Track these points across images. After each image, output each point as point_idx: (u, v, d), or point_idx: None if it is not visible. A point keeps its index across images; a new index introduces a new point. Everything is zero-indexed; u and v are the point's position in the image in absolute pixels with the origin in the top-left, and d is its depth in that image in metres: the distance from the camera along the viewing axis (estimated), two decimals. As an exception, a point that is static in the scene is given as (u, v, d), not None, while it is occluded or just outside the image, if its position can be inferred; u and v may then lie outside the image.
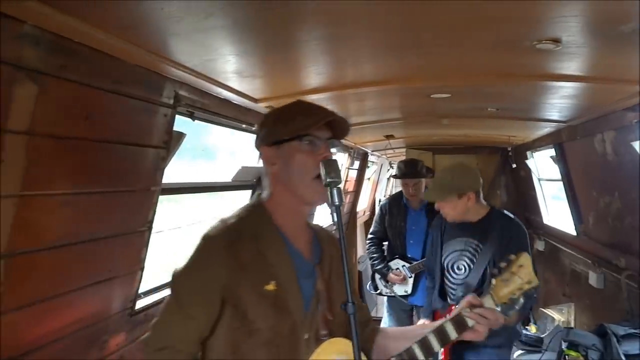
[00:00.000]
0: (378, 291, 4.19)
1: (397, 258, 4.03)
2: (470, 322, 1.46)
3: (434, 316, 2.82)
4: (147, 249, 1.94)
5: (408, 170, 3.94)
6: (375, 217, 4.28)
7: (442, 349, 2.69)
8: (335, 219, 1.35)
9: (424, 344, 1.44)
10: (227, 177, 2.87)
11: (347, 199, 6.54)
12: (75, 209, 1.54)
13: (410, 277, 3.94)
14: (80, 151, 1.51)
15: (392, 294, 4.05)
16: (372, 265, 4.10)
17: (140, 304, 2.04)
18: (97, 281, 1.72)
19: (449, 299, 2.82)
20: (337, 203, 1.30)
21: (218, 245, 1.28)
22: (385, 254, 4.19)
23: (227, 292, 1.27)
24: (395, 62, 2.18)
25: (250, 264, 1.28)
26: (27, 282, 1.42)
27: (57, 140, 1.40)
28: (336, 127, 1.39)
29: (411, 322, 4.13)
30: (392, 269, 3.99)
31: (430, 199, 2.80)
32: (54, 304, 1.56)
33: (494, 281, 1.53)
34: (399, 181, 4.21)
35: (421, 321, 2.87)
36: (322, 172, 1.29)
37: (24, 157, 1.28)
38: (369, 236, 4.26)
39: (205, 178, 2.93)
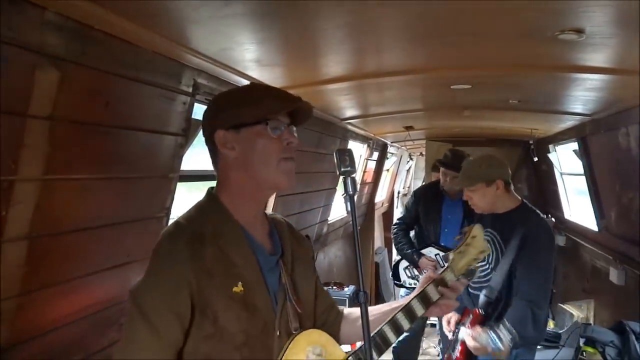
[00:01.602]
0: (401, 282, 4.10)
1: (430, 246, 3.93)
2: (434, 297, 1.48)
3: (463, 313, 2.78)
4: (164, 234, 1.97)
5: (453, 163, 3.83)
6: (407, 203, 4.20)
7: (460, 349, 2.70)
8: (349, 209, 1.35)
9: (394, 324, 1.43)
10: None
11: (366, 190, 6.53)
12: (95, 193, 1.57)
13: (441, 267, 3.88)
14: (100, 137, 1.53)
15: (416, 285, 3.93)
16: (400, 250, 3.99)
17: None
18: (115, 265, 1.76)
19: (469, 289, 2.77)
20: (350, 192, 1.27)
21: (180, 250, 1.19)
22: (413, 240, 4.09)
23: (195, 298, 1.19)
24: (416, 52, 2.16)
25: (214, 266, 1.21)
26: (48, 264, 1.46)
27: (78, 125, 1.43)
28: (299, 114, 1.34)
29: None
30: (425, 256, 3.89)
31: (459, 185, 2.77)
32: (74, 286, 1.60)
33: (451, 255, 1.60)
34: (414, 173, 4.18)
35: (447, 315, 2.82)
36: (336, 161, 1.26)
37: (47, 142, 1.31)
38: (397, 221, 4.16)
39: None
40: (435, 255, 3.90)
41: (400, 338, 3.87)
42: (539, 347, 4.50)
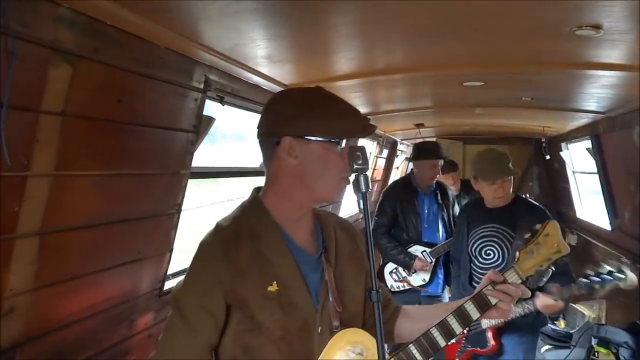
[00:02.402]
0: (387, 287, 3.92)
1: (415, 244, 3.83)
2: (493, 301, 1.39)
3: None
4: (175, 231, 1.98)
5: (438, 151, 3.82)
6: (382, 206, 3.94)
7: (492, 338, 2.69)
8: (362, 206, 1.34)
9: (444, 327, 1.37)
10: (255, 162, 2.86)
11: (375, 188, 6.50)
12: (107, 190, 1.57)
13: (431, 263, 3.80)
14: (112, 133, 1.53)
15: (404, 288, 3.86)
16: (390, 255, 3.84)
17: (168, 284, 2.08)
18: (127, 261, 1.76)
19: (475, 285, 2.79)
20: (363, 190, 1.25)
21: (215, 252, 1.24)
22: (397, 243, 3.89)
23: (231, 298, 1.23)
24: (428, 49, 2.13)
25: (250, 266, 1.24)
26: (60, 260, 1.46)
27: (90, 121, 1.43)
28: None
29: None
30: (418, 257, 3.78)
31: (514, 174, 2.76)
32: (85, 282, 1.60)
33: (517, 254, 1.46)
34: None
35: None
36: (350, 158, 1.27)
37: (58, 138, 1.31)
38: (379, 229, 3.89)
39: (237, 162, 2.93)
40: (422, 252, 3.81)
41: None
42: (549, 346, 4.48)
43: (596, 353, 3.14)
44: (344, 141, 1.29)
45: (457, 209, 4.01)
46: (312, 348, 1.28)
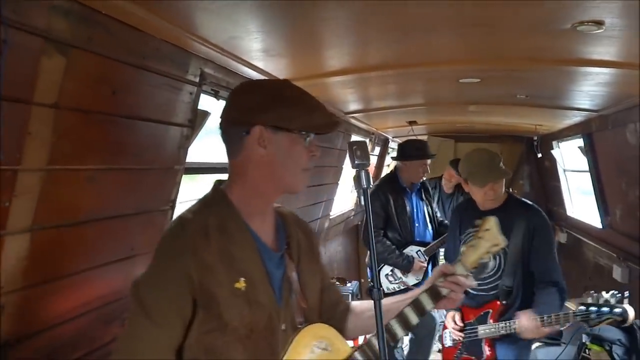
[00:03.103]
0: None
1: (409, 245, 3.82)
2: (444, 291, 1.45)
3: (462, 313, 2.78)
4: (169, 228, 1.93)
5: (427, 150, 3.85)
6: (375, 208, 3.75)
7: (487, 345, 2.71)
8: (363, 202, 1.33)
9: (402, 319, 1.41)
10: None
11: (366, 185, 6.49)
12: (100, 185, 1.53)
13: (425, 262, 3.83)
14: (106, 127, 1.49)
15: (399, 288, 3.83)
16: (389, 260, 3.75)
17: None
18: (119, 258, 1.71)
19: (470, 290, 2.78)
20: (364, 186, 1.27)
21: (183, 246, 1.19)
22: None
23: (198, 294, 1.18)
24: (425, 44, 2.10)
25: (217, 262, 1.21)
26: (51, 257, 1.41)
27: (84, 114, 1.38)
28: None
29: None
30: (416, 259, 3.78)
31: (505, 176, 2.73)
32: (77, 280, 1.56)
33: (462, 248, 1.56)
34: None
35: (451, 313, 2.81)
36: (351, 154, 1.26)
37: (51, 131, 1.26)
38: (378, 232, 3.76)
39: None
40: (417, 252, 3.82)
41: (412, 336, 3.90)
42: (540, 344, 4.50)
43: (587, 350, 3.16)
44: (312, 135, 1.29)
45: (435, 204, 4.00)
46: (276, 346, 1.27)
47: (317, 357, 1.30)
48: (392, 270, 3.85)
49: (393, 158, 4.41)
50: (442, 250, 3.83)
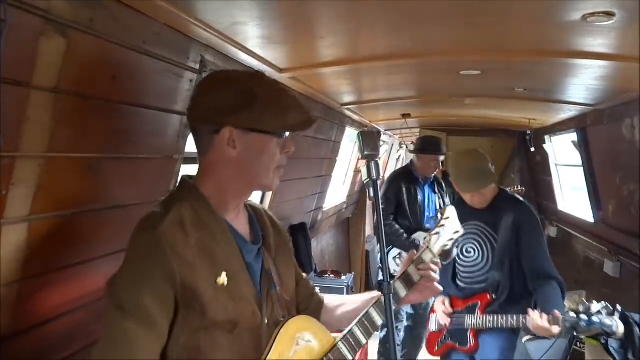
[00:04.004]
0: (391, 272, 4.09)
1: (418, 231, 4.00)
2: (416, 277, 1.49)
3: (451, 301, 2.79)
4: (168, 219, 1.88)
5: (441, 147, 4.11)
6: (387, 193, 4.10)
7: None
8: (372, 194, 1.30)
9: (380, 307, 1.40)
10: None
11: (358, 178, 6.47)
12: (99, 174, 1.47)
13: None
14: (107, 113, 1.43)
15: None
16: (398, 242, 3.98)
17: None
18: (118, 250, 1.65)
19: (459, 283, 2.79)
20: (374, 177, 1.25)
21: (161, 241, 1.12)
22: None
23: (179, 291, 1.13)
24: (426, 35, 2.07)
25: (196, 257, 1.16)
26: (50, 248, 1.36)
27: (84, 99, 1.32)
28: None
29: None
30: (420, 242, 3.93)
31: (490, 183, 2.70)
32: (75, 272, 1.50)
33: (427, 236, 1.64)
34: (404, 162, 4.23)
35: (440, 298, 2.81)
36: (360, 143, 1.24)
37: (51, 116, 1.21)
38: (388, 216, 4.04)
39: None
40: (425, 239, 3.88)
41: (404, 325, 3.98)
42: (531, 337, 4.53)
43: (578, 343, 3.18)
44: (286, 134, 1.26)
45: (447, 201, 4.15)
46: (260, 340, 1.24)
47: (302, 349, 1.29)
48: (399, 254, 4.06)
49: (410, 151, 4.69)
50: None
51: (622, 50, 2.05)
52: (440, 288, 1.52)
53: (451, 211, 1.71)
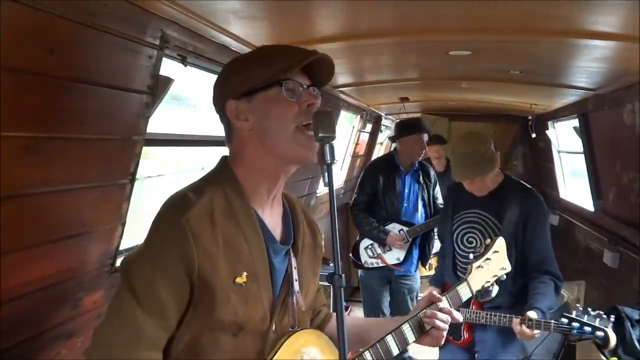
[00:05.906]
0: (361, 262, 3.98)
1: (393, 222, 3.83)
2: (427, 326, 1.37)
3: (443, 288, 2.70)
4: (128, 203, 1.79)
5: (421, 125, 3.88)
6: (363, 183, 3.97)
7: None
8: (326, 180, 1.19)
9: (384, 347, 1.31)
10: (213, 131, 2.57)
11: (357, 163, 6.35)
12: (42, 155, 1.38)
13: (407, 242, 3.80)
14: (47, 90, 1.33)
15: (378, 265, 3.88)
16: (364, 230, 3.86)
17: (120, 261, 1.91)
18: (71, 235, 1.58)
19: (459, 273, 2.70)
20: (328, 161, 1.11)
21: (186, 226, 1.06)
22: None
23: (196, 284, 1.07)
24: (412, 10, 1.94)
25: (220, 251, 1.09)
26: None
27: (17, 75, 1.23)
28: (319, 72, 1.19)
29: (381, 298, 3.99)
30: (392, 232, 3.81)
31: (476, 176, 2.56)
32: (21, 257, 1.42)
33: (470, 268, 1.48)
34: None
35: (430, 288, 2.74)
36: (314, 124, 1.11)
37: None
38: (356, 205, 3.93)
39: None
40: (399, 231, 3.81)
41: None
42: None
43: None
44: (290, 82, 1.14)
45: (438, 190, 3.98)
46: (264, 347, 1.16)
47: None
48: (371, 244, 3.89)
49: (390, 138, 4.46)
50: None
51: (619, 28, 1.91)
52: (442, 340, 1.39)
53: (501, 245, 1.55)
